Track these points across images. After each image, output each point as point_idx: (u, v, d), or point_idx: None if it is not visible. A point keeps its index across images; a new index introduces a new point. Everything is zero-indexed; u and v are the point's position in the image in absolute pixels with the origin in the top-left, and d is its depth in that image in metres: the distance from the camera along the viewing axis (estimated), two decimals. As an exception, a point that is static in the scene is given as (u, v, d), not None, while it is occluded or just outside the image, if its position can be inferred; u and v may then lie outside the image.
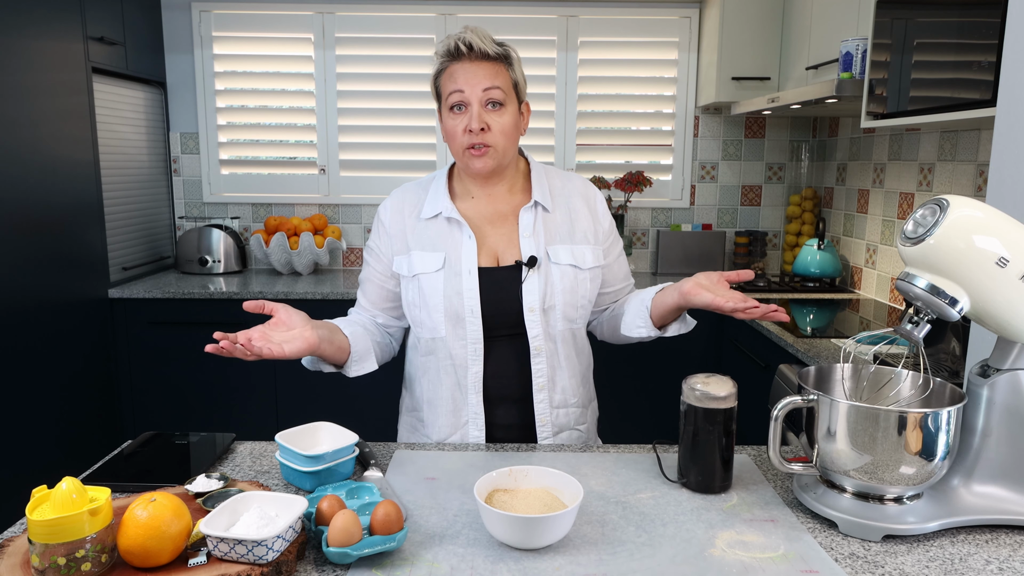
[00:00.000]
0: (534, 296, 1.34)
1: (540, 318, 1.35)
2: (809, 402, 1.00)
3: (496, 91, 1.29)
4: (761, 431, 2.35)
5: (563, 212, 1.41)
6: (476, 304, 1.33)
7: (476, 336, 1.34)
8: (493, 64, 1.30)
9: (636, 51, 3.33)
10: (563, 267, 1.37)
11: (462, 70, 1.29)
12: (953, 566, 0.90)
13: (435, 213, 1.38)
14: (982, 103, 1.61)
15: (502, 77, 1.30)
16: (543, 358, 1.36)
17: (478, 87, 1.28)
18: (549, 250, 1.37)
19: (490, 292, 1.34)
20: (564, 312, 1.37)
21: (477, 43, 1.28)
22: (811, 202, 3.29)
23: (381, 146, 3.38)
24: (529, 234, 1.37)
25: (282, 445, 1.10)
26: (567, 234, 1.39)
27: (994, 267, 0.92)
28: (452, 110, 1.31)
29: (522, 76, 1.36)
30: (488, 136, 1.30)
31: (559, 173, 1.46)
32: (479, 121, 1.28)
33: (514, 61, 1.33)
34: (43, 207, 2.44)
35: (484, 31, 1.31)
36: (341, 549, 0.88)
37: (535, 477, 1.03)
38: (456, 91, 1.29)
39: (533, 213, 1.38)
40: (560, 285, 1.36)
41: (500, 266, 1.37)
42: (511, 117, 1.32)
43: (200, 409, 2.92)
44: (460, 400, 1.38)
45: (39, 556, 0.81)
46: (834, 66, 2.46)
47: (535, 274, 1.35)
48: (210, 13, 3.28)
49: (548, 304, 1.36)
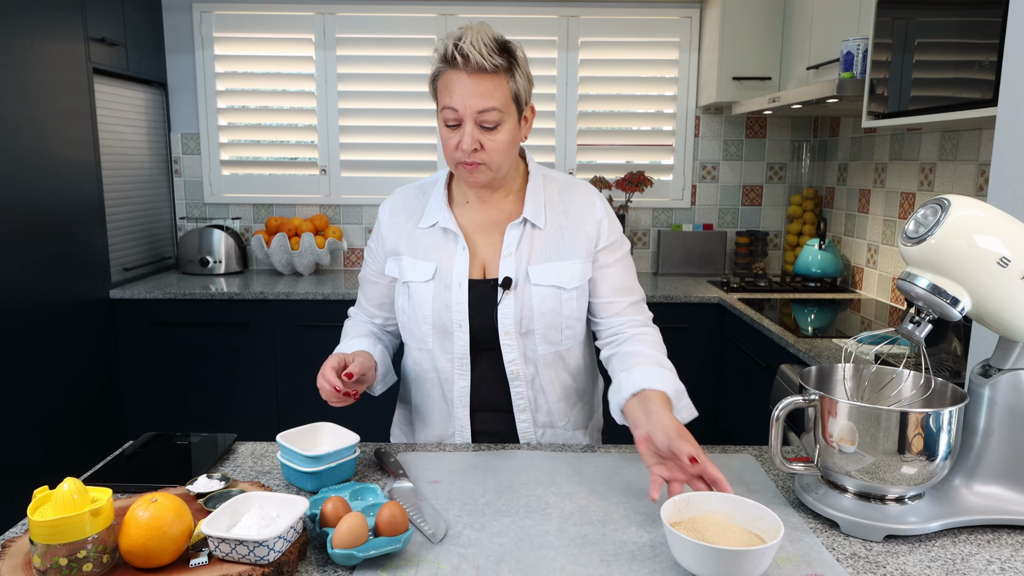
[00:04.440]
0: (509, 320, 1.29)
1: (516, 342, 1.31)
2: (810, 402, 1.00)
3: (492, 113, 1.19)
4: (762, 431, 2.35)
5: (555, 227, 1.33)
6: (464, 318, 1.30)
7: (463, 351, 1.31)
8: (492, 77, 1.19)
9: (637, 51, 3.33)
10: (544, 288, 1.29)
11: (458, 83, 1.19)
12: (955, 566, 0.90)
13: (432, 223, 1.34)
14: (983, 103, 1.61)
15: (500, 92, 1.20)
16: (521, 381, 1.33)
17: (472, 107, 1.19)
18: (531, 270, 1.30)
19: (474, 306, 1.31)
20: (545, 335, 1.31)
21: (475, 56, 1.17)
22: (812, 202, 3.29)
23: (382, 146, 3.39)
24: (511, 253, 1.30)
25: (283, 445, 1.10)
26: (555, 251, 1.31)
27: (995, 267, 0.92)
28: (446, 124, 1.23)
29: (525, 81, 1.25)
30: (481, 155, 1.22)
31: (560, 182, 1.37)
32: (472, 141, 1.20)
33: (517, 67, 1.23)
34: (44, 208, 2.44)
35: (486, 34, 1.20)
36: (347, 551, 0.88)
37: (699, 504, 0.95)
38: (449, 108, 1.20)
39: (520, 230, 1.31)
40: (539, 308, 1.29)
41: (485, 279, 1.32)
42: (508, 133, 1.23)
43: (201, 410, 2.93)
44: (446, 412, 1.37)
45: (41, 556, 0.81)
46: (835, 66, 2.46)
47: (511, 296, 1.29)
48: (211, 14, 3.29)
49: (525, 328, 1.30)
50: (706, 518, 0.93)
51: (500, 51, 1.20)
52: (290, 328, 2.86)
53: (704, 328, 2.87)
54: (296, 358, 2.88)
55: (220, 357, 2.88)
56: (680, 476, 1.02)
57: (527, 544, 0.95)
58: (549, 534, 0.97)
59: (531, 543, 0.95)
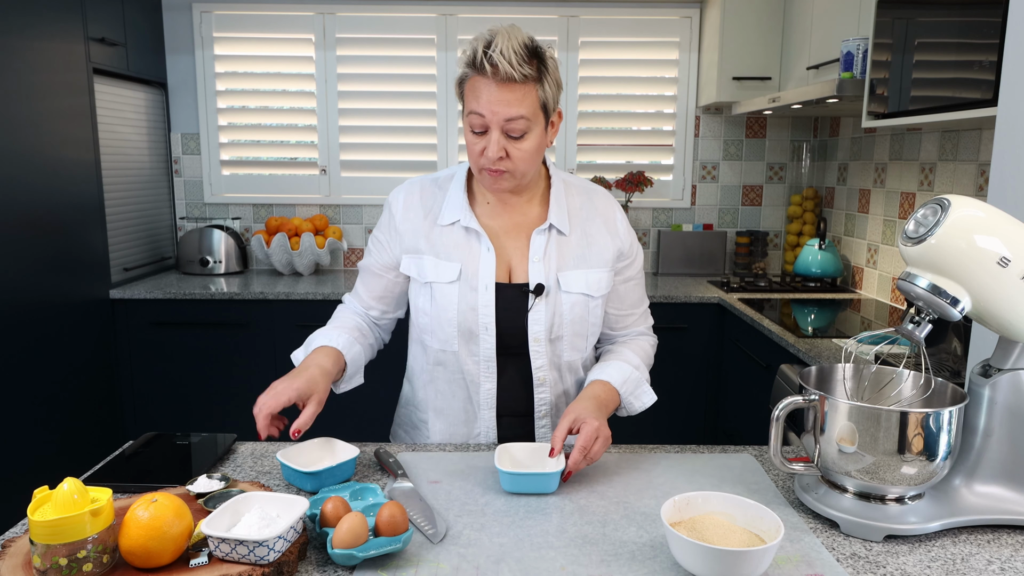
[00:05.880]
0: (540, 326, 1.29)
1: (545, 348, 1.31)
2: (810, 402, 1.00)
3: (520, 121, 1.17)
4: (762, 431, 2.35)
5: (579, 234, 1.32)
6: (491, 321, 1.28)
7: (489, 354, 1.30)
8: (520, 87, 1.16)
9: (637, 51, 3.33)
10: (574, 296, 1.30)
11: (485, 90, 1.16)
12: (955, 566, 0.90)
13: (453, 220, 1.30)
14: (983, 103, 1.61)
15: (529, 101, 1.17)
16: (547, 387, 1.34)
17: (500, 116, 1.16)
18: (560, 277, 1.29)
19: (501, 310, 1.29)
20: (572, 342, 1.32)
21: (504, 65, 1.13)
22: (812, 202, 3.29)
23: (382, 146, 3.39)
24: (539, 258, 1.29)
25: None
26: (582, 258, 1.31)
27: (996, 267, 0.92)
28: (472, 130, 1.21)
29: (555, 88, 1.22)
30: (506, 163, 1.21)
31: (581, 189, 1.37)
32: (497, 149, 1.18)
33: (547, 74, 1.19)
34: (44, 208, 2.44)
35: (517, 40, 1.16)
36: (347, 551, 0.87)
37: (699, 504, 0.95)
38: (476, 113, 1.18)
39: (546, 236, 1.31)
40: (569, 315, 1.30)
41: (512, 283, 1.31)
42: (535, 141, 1.21)
43: (201, 409, 2.92)
44: (472, 413, 1.36)
45: (41, 556, 0.81)
46: (835, 66, 2.46)
47: (542, 303, 1.29)
48: (211, 14, 3.29)
49: (555, 335, 1.30)
50: (706, 518, 0.93)
51: (530, 57, 1.17)
52: (290, 328, 2.86)
53: (704, 328, 2.87)
54: (296, 358, 2.88)
55: (220, 357, 2.88)
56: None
57: (527, 544, 0.95)
58: (549, 534, 0.97)
59: (531, 543, 0.95)
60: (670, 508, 0.92)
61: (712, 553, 0.82)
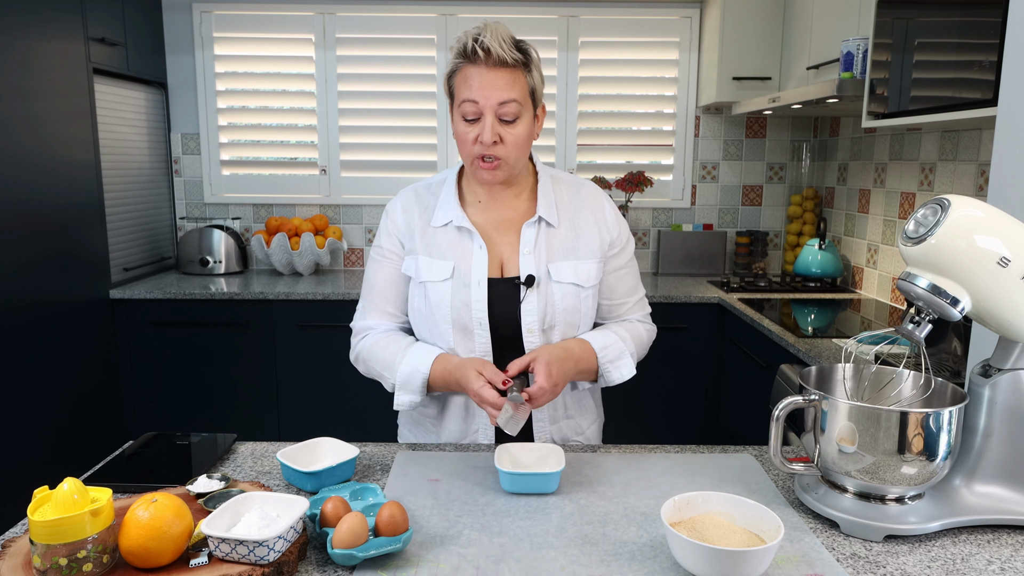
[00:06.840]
0: (533, 317, 1.31)
1: (539, 339, 1.31)
2: (810, 402, 1.00)
3: (512, 104, 1.22)
4: (762, 431, 2.35)
5: (568, 226, 1.35)
6: (484, 316, 1.30)
7: (485, 348, 1.31)
8: (511, 71, 1.21)
9: (637, 51, 3.33)
10: (565, 286, 1.32)
11: (477, 77, 1.21)
12: (955, 566, 0.90)
13: (446, 221, 1.33)
14: (983, 103, 1.61)
15: (519, 86, 1.22)
16: None
17: (493, 99, 1.21)
18: (551, 267, 1.32)
19: (494, 304, 1.31)
20: (564, 332, 1.33)
21: (495, 49, 1.19)
22: (812, 202, 3.29)
23: (382, 146, 3.39)
24: (529, 251, 1.32)
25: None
26: (571, 249, 1.34)
27: (995, 267, 0.92)
28: (464, 118, 1.24)
29: (540, 79, 1.28)
30: (500, 149, 1.24)
31: (568, 183, 1.40)
32: (492, 134, 1.22)
33: (534, 64, 1.25)
34: (44, 208, 2.44)
35: (504, 31, 1.22)
36: (346, 551, 0.88)
37: (699, 504, 0.95)
38: (469, 100, 1.22)
39: (536, 228, 1.33)
40: (561, 305, 1.32)
41: (504, 277, 1.33)
42: (525, 127, 1.25)
43: (201, 410, 2.92)
44: (471, 408, 1.37)
45: (41, 557, 0.81)
46: (835, 66, 2.46)
47: (534, 294, 1.31)
48: (211, 14, 3.29)
49: (548, 325, 1.32)
50: (706, 518, 0.93)
51: (517, 47, 1.23)
52: (290, 328, 2.86)
53: (704, 328, 2.87)
54: (296, 358, 2.88)
55: (220, 357, 2.88)
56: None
57: (527, 544, 0.95)
58: (549, 534, 0.98)
59: (531, 543, 0.95)
60: (670, 508, 0.92)
61: (712, 553, 0.82)
